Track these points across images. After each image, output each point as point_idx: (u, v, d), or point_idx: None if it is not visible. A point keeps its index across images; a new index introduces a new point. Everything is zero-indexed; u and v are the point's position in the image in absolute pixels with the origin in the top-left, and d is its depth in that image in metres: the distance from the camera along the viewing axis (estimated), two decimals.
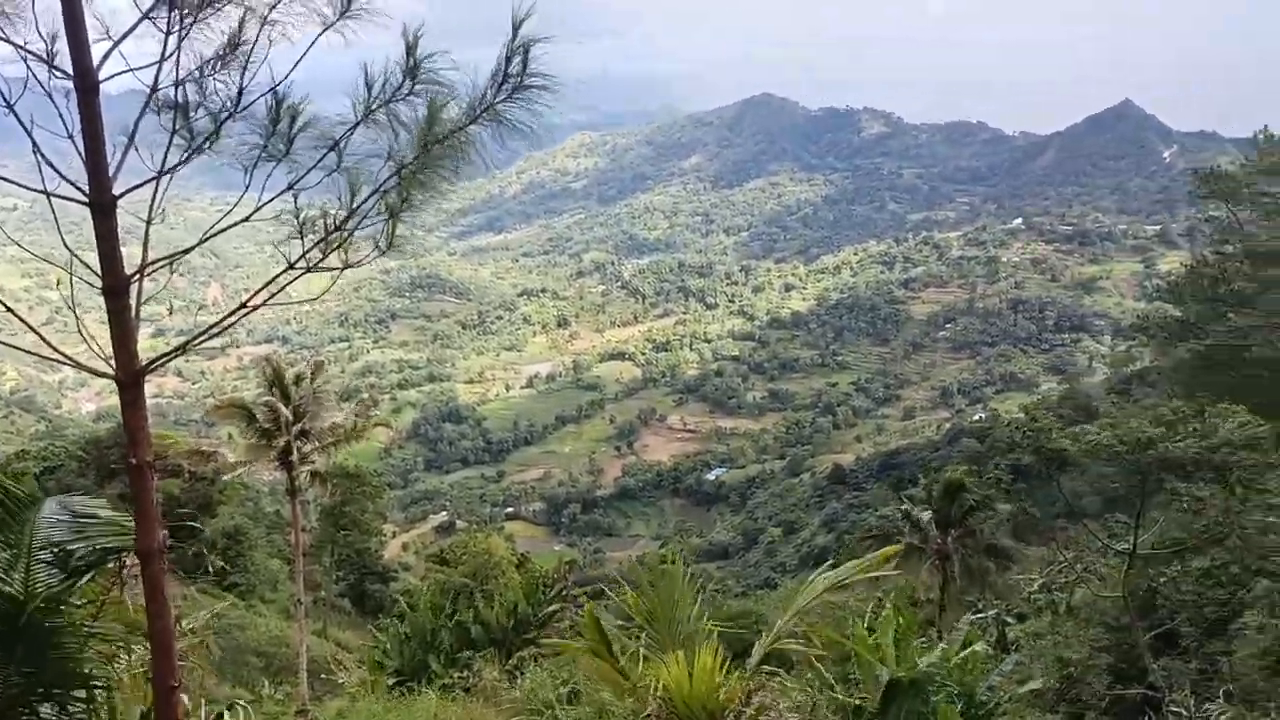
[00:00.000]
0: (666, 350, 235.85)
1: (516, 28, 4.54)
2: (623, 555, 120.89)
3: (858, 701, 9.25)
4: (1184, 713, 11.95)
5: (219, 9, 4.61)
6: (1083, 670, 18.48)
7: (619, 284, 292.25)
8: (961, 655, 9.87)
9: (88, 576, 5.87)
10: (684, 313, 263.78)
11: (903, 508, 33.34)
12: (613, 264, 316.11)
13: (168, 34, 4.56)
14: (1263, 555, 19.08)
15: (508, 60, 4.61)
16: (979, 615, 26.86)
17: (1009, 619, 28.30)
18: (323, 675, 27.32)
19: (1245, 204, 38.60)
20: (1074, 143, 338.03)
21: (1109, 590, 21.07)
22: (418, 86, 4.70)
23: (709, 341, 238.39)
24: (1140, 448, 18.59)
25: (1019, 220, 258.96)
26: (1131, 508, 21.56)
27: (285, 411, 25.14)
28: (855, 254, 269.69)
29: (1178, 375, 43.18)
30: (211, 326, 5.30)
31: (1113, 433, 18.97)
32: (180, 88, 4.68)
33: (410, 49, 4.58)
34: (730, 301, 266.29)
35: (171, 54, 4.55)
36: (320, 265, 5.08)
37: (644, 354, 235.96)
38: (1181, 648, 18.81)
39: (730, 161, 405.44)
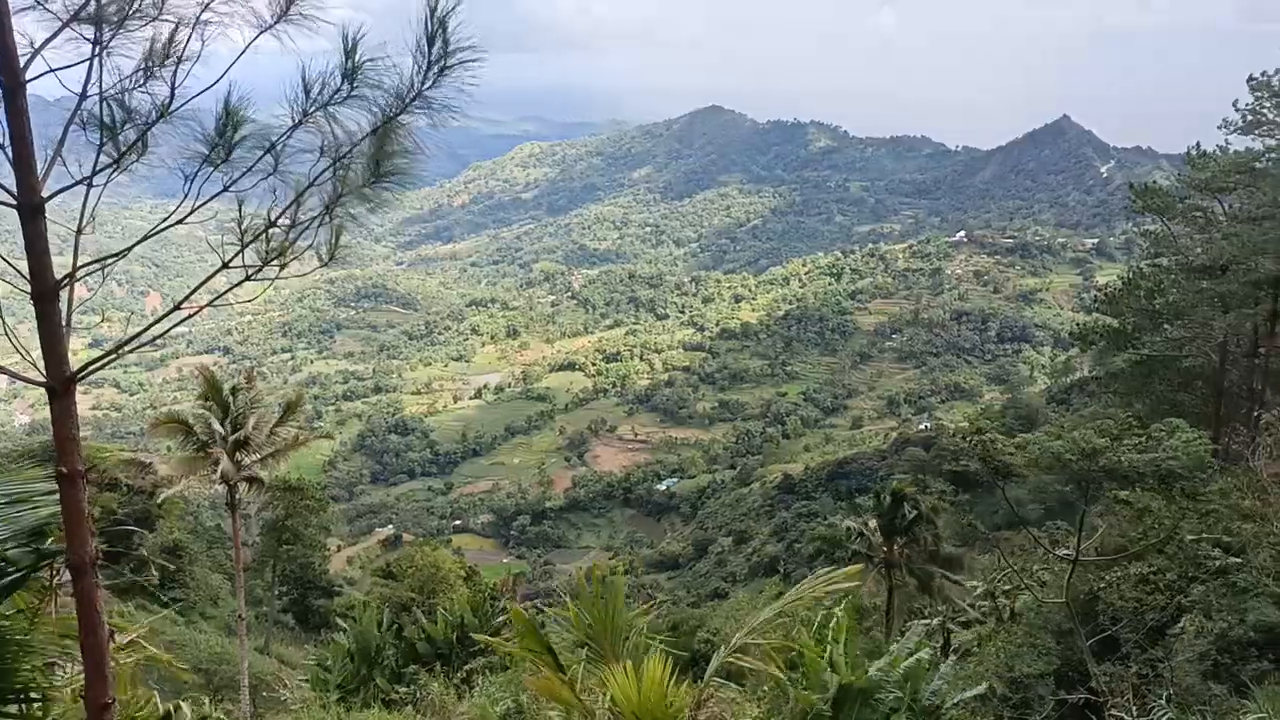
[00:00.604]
0: (617, 361, 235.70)
1: (433, 8, 4.43)
2: (573, 567, 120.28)
3: (807, 707, 9.26)
4: (1125, 717, 12.14)
5: (146, 22, 4.48)
6: (1027, 675, 18.74)
7: (569, 294, 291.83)
8: (908, 661, 9.94)
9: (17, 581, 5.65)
10: (634, 323, 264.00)
11: (847, 521, 33.59)
12: (563, 274, 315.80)
13: (93, 44, 4.43)
14: (1199, 562, 19.54)
15: (429, 41, 4.50)
16: (925, 622, 27.16)
17: (953, 626, 28.66)
18: (265, 692, 26.77)
19: (1179, 218, 39.69)
20: (1014, 157, 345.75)
21: (1052, 597, 21.40)
22: (357, 89, 4.59)
23: (659, 352, 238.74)
24: (1088, 457, 18.95)
25: (962, 233, 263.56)
26: (1073, 515, 21.97)
27: (218, 426, 24.66)
28: (804, 265, 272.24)
29: (1115, 384, 44.23)
30: (142, 331, 5.14)
31: (1062, 442, 19.32)
32: (105, 101, 4.54)
33: (349, 52, 4.48)
34: (681, 312, 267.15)
35: (96, 63, 4.42)
36: (262, 269, 4.95)
37: (594, 364, 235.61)
38: (1123, 652, 19.16)
39: (680, 173, 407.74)
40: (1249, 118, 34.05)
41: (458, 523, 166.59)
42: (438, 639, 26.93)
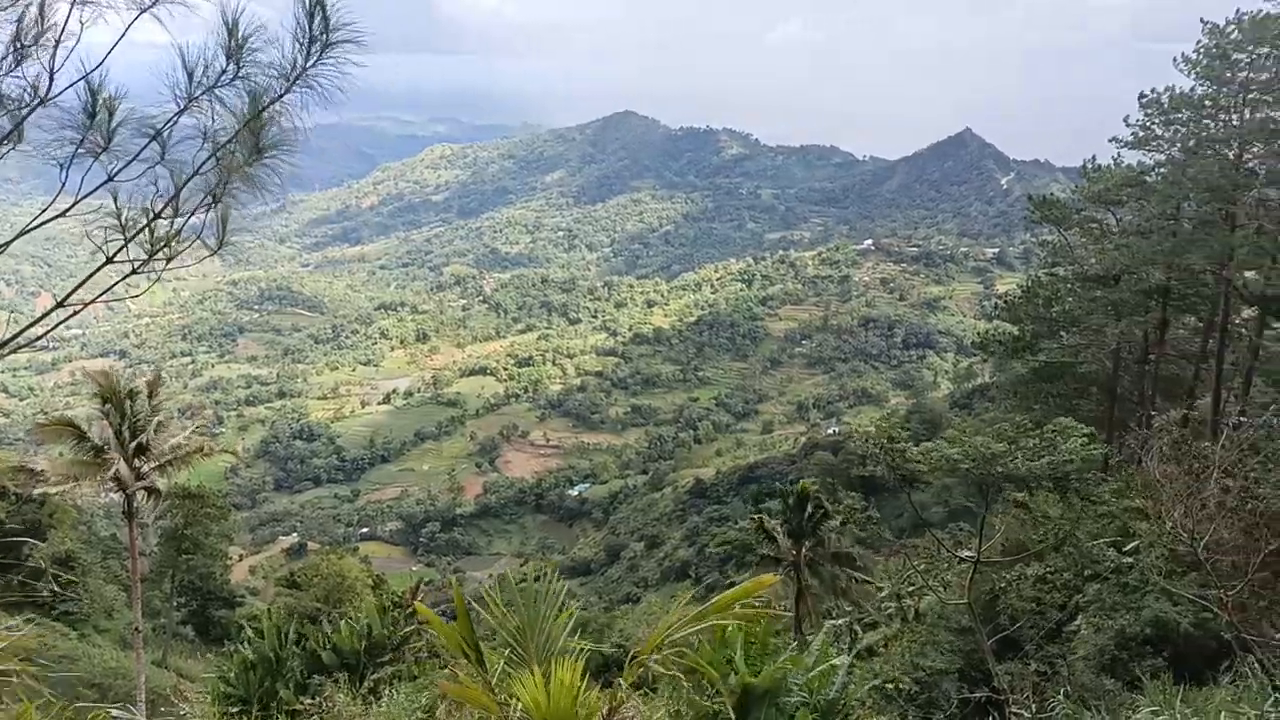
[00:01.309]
0: (529, 365, 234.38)
1: None
2: (483, 574, 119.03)
3: (716, 708, 9.23)
4: (1025, 714, 12.43)
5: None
6: (932, 674, 19.11)
7: (480, 298, 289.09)
8: (814, 662, 9.99)
9: None
10: (547, 328, 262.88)
11: (756, 525, 33.84)
12: (474, 278, 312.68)
13: None
14: (1094, 561, 20.21)
15: (309, 18, 4.28)
16: (832, 623, 27.53)
17: (860, 627, 29.12)
18: (162, 708, 25.69)
19: (1074, 229, 41.20)
20: (919, 168, 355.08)
21: (954, 597, 21.88)
22: (242, 71, 4.34)
23: (572, 357, 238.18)
24: (986, 463, 19.42)
25: (869, 241, 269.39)
26: (975, 517, 22.50)
27: (115, 430, 23.59)
28: (716, 271, 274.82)
29: (1015, 389, 45.70)
30: (21, 331, 4.80)
31: (961, 449, 19.76)
32: None
33: (232, 31, 4.23)
34: (594, 317, 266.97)
35: None
36: (148, 262, 4.66)
37: (506, 369, 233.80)
38: (1022, 651, 19.67)
39: (593, 177, 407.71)
40: (1139, 134, 35.49)
41: (365, 530, 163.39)
42: (344, 648, 26.20)
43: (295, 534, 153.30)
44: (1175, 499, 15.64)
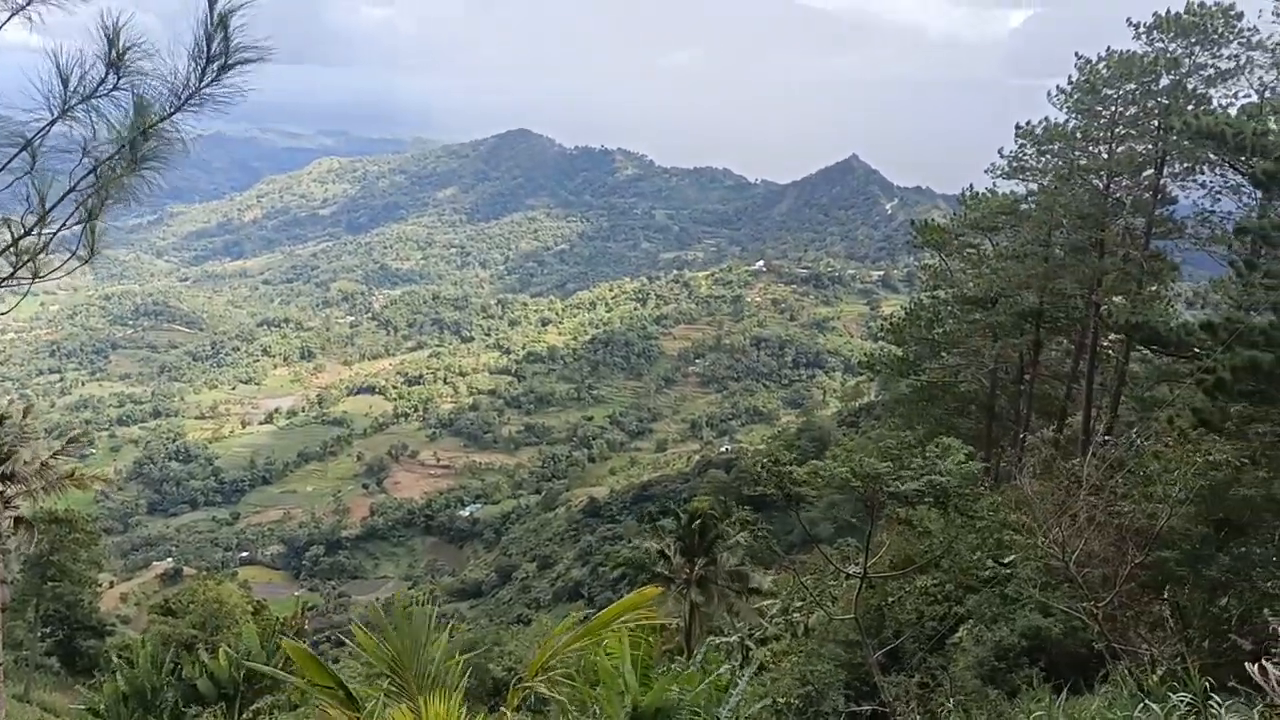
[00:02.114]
0: (419, 384, 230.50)
1: (213, 2, 4.07)
2: (369, 598, 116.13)
3: None
4: None
5: None
6: (820, 688, 19.42)
7: (369, 315, 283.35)
8: (705, 680, 10.02)
9: None
10: (438, 346, 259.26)
11: (650, 544, 33.97)
12: (363, 294, 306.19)
13: None
14: (973, 574, 20.90)
15: (208, 39, 4.13)
16: (724, 640, 27.77)
17: (751, 643, 29.44)
18: None
19: (954, 254, 42.83)
20: (809, 192, 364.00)
21: (842, 612, 22.33)
22: (123, 80, 4.14)
23: (464, 375, 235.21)
24: (871, 481, 19.91)
25: (761, 263, 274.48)
26: (863, 533, 23.02)
27: None
28: (610, 290, 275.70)
29: (899, 407, 47.09)
30: None
31: (846, 468, 20.21)
32: None
33: (112, 39, 4.03)
34: (486, 335, 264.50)
35: None
36: (14, 275, 4.39)
37: (395, 388, 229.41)
38: (907, 663, 20.15)
39: (486, 195, 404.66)
40: (1014, 164, 37.16)
41: (245, 554, 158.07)
42: (221, 677, 25.18)
43: (170, 559, 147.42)
44: (1048, 514, 16.32)
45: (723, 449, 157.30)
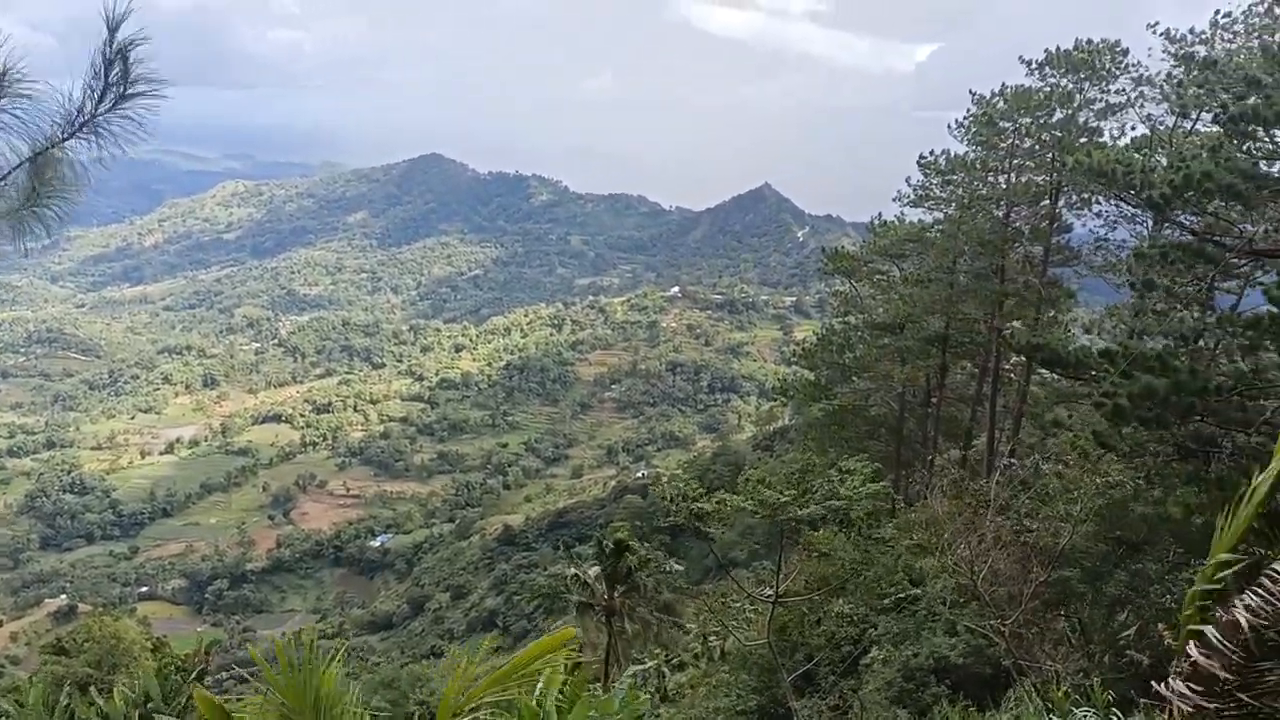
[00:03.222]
0: (328, 412, 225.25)
1: (113, 29, 3.88)
2: (275, 633, 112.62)
3: None
4: None
5: None
6: (732, 715, 19.41)
7: (275, 342, 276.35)
8: (622, 709, 9.87)
9: None
10: (348, 373, 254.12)
11: (569, 571, 33.66)
12: (269, 320, 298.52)
13: None
14: (882, 595, 21.18)
15: (107, 66, 3.94)
16: (641, 667, 27.59)
17: (668, 669, 29.35)
18: None
19: (864, 280, 43.79)
20: (722, 219, 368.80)
21: (756, 636, 22.41)
22: (3, 102, 3.91)
23: (375, 403, 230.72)
24: (776, 510, 20.10)
25: (676, 288, 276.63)
26: (776, 556, 23.17)
27: None
28: (525, 316, 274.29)
29: (812, 431, 47.76)
30: None
31: (750, 501, 20.38)
32: None
33: None
34: (398, 361, 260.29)
35: None
36: None
37: (303, 416, 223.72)
38: (822, 685, 20.28)
39: (398, 219, 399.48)
40: (920, 193, 38.26)
41: (144, 589, 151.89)
42: (116, 719, 24.02)
43: (64, 595, 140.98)
44: (957, 533, 16.66)
45: (639, 474, 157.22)
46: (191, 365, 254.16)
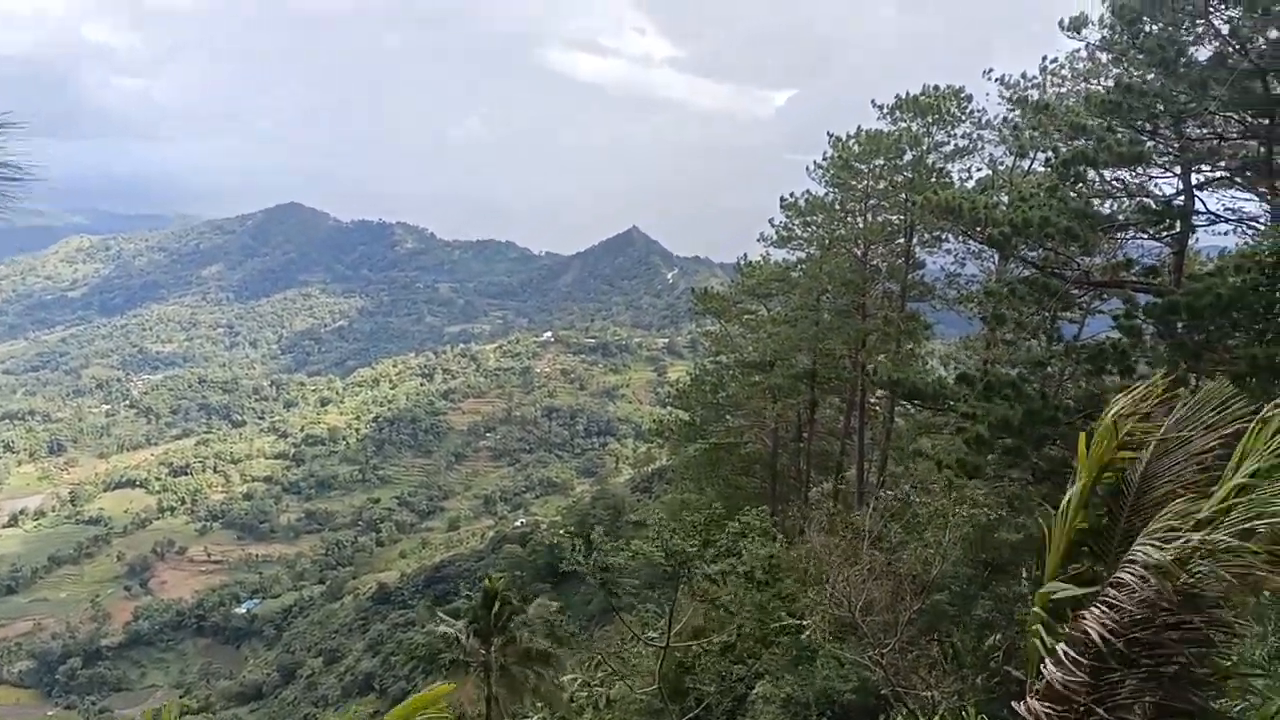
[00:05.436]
0: (186, 474, 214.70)
1: None
2: (135, 712, 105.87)
3: None
4: None
5: None
6: None
7: (127, 403, 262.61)
8: None
9: None
10: (206, 432, 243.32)
11: (442, 628, 32.75)
12: (119, 380, 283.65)
13: None
14: (765, 629, 21.38)
15: None
16: None
17: None
18: None
19: (734, 320, 44.68)
20: (592, 263, 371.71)
21: (644, 679, 22.25)
22: None
23: (237, 462, 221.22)
24: (681, 561, 20.24)
25: (549, 334, 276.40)
26: (663, 596, 23.14)
27: None
28: (394, 366, 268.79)
29: (689, 471, 48.16)
30: None
31: (659, 550, 20.47)
32: None
33: None
34: (260, 418, 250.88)
35: None
36: None
37: (159, 480, 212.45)
38: None
39: (256, 271, 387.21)
40: (783, 233, 39.37)
41: None
42: None
43: None
44: (834, 566, 16.99)
45: (517, 523, 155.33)
46: (35, 431, 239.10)
